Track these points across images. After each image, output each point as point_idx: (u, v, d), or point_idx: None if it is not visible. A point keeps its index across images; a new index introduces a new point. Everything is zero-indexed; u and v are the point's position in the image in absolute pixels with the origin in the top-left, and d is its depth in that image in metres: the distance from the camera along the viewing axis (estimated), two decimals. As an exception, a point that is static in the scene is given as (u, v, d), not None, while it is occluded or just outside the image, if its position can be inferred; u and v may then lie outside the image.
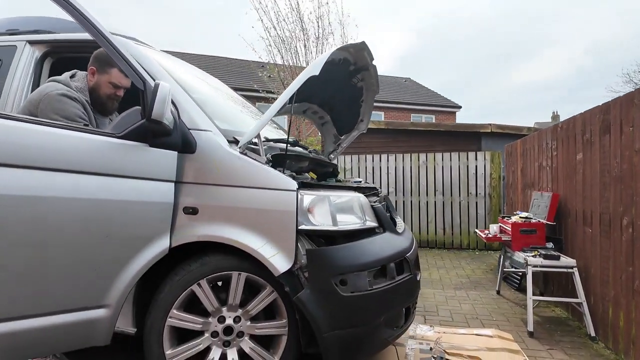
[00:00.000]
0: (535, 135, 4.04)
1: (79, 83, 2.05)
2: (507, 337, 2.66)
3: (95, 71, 2.06)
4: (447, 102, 19.66)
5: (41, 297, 1.57)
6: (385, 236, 2.03)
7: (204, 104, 2.06)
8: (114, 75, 2.06)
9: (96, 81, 2.06)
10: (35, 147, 1.54)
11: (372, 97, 2.98)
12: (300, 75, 1.85)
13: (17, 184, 1.48)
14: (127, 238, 1.72)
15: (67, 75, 2.07)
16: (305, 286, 1.73)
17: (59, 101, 1.86)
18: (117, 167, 1.70)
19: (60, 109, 1.84)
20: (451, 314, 3.25)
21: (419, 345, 2.50)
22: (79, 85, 2.03)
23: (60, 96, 1.88)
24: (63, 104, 1.86)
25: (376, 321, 1.81)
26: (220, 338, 1.82)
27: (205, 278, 1.79)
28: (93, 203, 1.63)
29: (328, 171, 2.87)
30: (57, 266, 1.58)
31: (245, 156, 1.84)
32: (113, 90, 2.09)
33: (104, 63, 2.05)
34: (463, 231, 6.41)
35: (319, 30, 9.89)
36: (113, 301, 1.71)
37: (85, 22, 1.65)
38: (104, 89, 2.07)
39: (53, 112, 1.82)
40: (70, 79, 2.04)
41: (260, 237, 1.76)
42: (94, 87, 2.07)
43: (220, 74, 17.02)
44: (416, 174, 6.63)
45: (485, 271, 4.82)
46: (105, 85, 2.07)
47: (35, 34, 2.36)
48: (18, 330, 1.53)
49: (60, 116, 1.81)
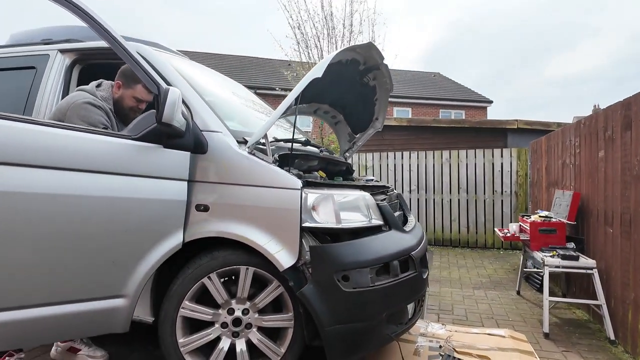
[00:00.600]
0: (559, 132, 3.92)
1: (104, 92, 2.20)
2: (520, 337, 2.63)
3: (121, 85, 2.22)
4: (478, 97, 19.13)
5: (67, 286, 1.72)
6: (391, 234, 2.06)
7: (217, 107, 2.16)
8: (138, 91, 2.22)
9: (121, 94, 2.22)
10: (60, 149, 1.68)
11: (386, 95, 2.99)
12: (304, 77, 1.90)
13: (44, 184, 1.62)
14: (144, 233, 1.84)
15: (94, 84, 2.23)
16: (309, 281, 1.79)
17: (84, 109, 2.01)
18: (134, 167, 1.82)
19: (84, 115, 1.99)
20: (466, 313, 3.23)
21: (428, 342, 2.51)
22: (104, 95, 2.18)
23: (86, 104, 2.03)
24: (88, 112, 2.01)
25: (378, 317, 1.85)
26: (229, 329, 1.92)
27: (215, 272, 1.89)
28: (113, 201, 1.76)
29: (341, 170, 2.91)
30: (81, 258, 1.72)
31: (252, 156, 1.92)
32: (136, 103, 2.25)
33: (129, 79, 2.21)
34: (488, 230, 6.27)
35: (344, 29, 9.89)
36: (131, 292, 1.84)
37: (101, 30, 1.78)
38: (127, 101, 2.23)
39: (78, 119, 1.97)
40: (96, 88, 2.20)
41: (266, 234, 1.84)
42: (118, 99, 2.23)
43: (246, 73, 17.34)
44: (439, 171, 6.55)
45: (507, 271, 4.72)
46: (129, 99, 2.23)
47: (65, 43, 2.54)
48: (47, 316, 1.68)
49: (85, 123, 1.96)
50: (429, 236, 6.51)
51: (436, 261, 5.32)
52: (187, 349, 1.90)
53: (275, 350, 1.92)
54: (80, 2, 1.76)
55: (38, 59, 2.49)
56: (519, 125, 6.77)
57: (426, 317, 3.12)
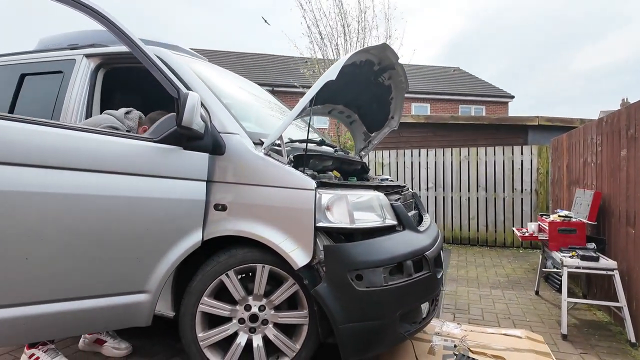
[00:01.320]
0: (581, 130, 3.82)
1: (132, 122, 2.27)
2: (537, 338, 2.60)
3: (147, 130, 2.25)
4: (499, 92, 18.72)
5: (95, 281, 1.81)
6: (404, 234, 2.08)
7: (234, 108, 2.22)
8: None
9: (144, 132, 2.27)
10: (88, 152, 1.76)
11: (402, 93, 3.00)
12: (318, 80, 1.94)
13: (73, 185, 1.71)
14: (165, 231, 1.92)
15: (123, 111, 2.30)
16: (323, 280, 1.83)
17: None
18: (156, 168, 1.90)
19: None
20: (482, 313, 3.21)
21: (443, 341, 2.52)
22: (131, 125, 2.26)
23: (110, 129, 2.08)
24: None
25: (391, 316, 1.88)
26: (246, 325, 1.98)
27: (233, 269, 1.96)
28: (136, 201, 1.84)
29: (356, 169, 2.94)
30: (107, 255, 1.81)
31: (268, 157, 1.97)
32: None
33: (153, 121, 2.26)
34: (507, 229, 6.17)
35: (359, 25, 9.86)
36: (153, 287, 1.93)
37: (121, 35, 1.86)
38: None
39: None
40: (124, 115, 2.27)
41: (281, 233, 1.89)
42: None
43: (264, 71, 17.48)
44: (457, 169, 6.47)
45: (526, 270, 4.65)
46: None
47: (90, 48, 2.64)
48: (77, 309, 1.78)
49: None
50: (446, 235, 6.46)
51: (453, 260, 5.28)
52: (206, 343, 1.98)
53: (291, 346, 1.97)
54: (100, 7, 1.84)
55: (65, 63, 2.59)
56: (540, 122, 6.63)
57: (441, 316, 3.12)
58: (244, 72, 14.13)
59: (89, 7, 1.82)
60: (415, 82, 17.58)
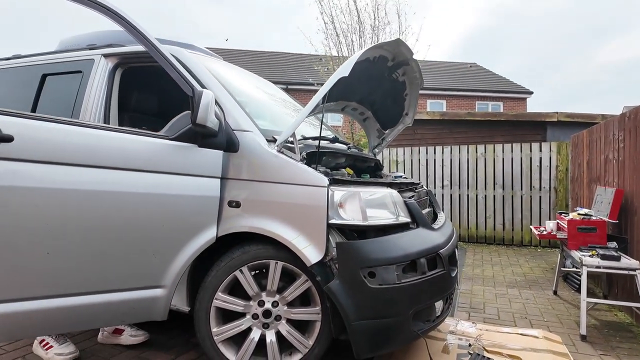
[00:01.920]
0: (602, 125, 3.71)
1: None
2: (555, 339, 2.55)
3: None
4: (517, 88, 18.33)
5: (113, 276, 1.86)
6: (418, 232, 2.07)
7: (247, 106, 2.24)
8: None
9: None
10: (106, 150, 1.81)
11: (417, 90, 2.97)
12: (331, 77, 1.93)
13: (92, 181, 1.76)
14: (180, 227, 1.95)
15: None
16: (336, 276, 1.83)
17: None
18: (171, 165, 1.93)
19: None
20: (498, 312, 3.17)
21: (458, 340, 2.49)
22: None
23: None
24: None
25: (405, 314, 1.87)
26: (260, 320, 2.00)
27: (246, 265, 1.98)
28: (152, 197, 1.88)
29: (369, 166, 2.93)
30: (125, 250, 1.85)
31: (281, 154, 1.98)
32: None
33: None
34: (525, 227, 6.06)
35: (374, 21, 9.79)
36: (168, 282, 1.96)
37: (137, 34, 1.89)
38: None
39: None
40: None
41: (294, 230, 1.90)
42: None
43: (278, 68, 17.54)
44: (474, 166, 6.37)
45: (544, 270, 4.56)
46: None
47: (108, 48, 2.69)
48: (96, 303, 1.83)
49: None
50: (462, 233, 6.37)
51: (469, 258, 5.21)
52: (220, 338, 2.01)
53: (304, 342, 1.98)
54: (117, 7, 1.88)
55: (84, 63, 2.65)
56: (560, 118, 6.46)
57: (456, 315, 3.09)
58: (258, 70, 14.19)
59: (106, 7, 1.86)
60: (430, 78, 17.36)
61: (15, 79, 2.92)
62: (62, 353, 2.20)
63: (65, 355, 2.20)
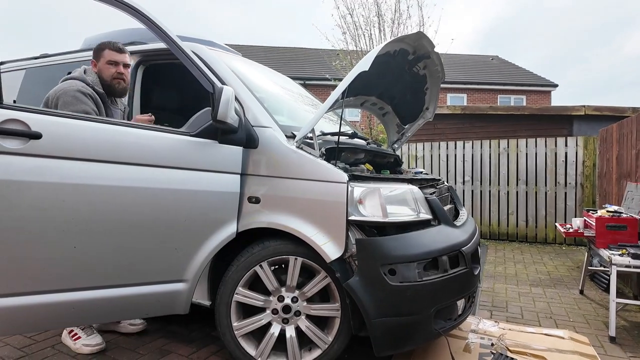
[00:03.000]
0: (634, 119, 3.56)
1: (92, 77, 2.28)
2: (582, 340, 2.47)
3: (95, 62, 2.30)
4: (541, 81, 17.79)
5: (137, 269, 1.89)
6: (440, 229, 2.03)
7: (267, 102, 2.24)
8: (106, 55, 2.28)
9: (99, 68, 2.30)
10: (130, 146, 1.84)
11: (438, 84, 2.91)
12: (350, 71, 1.91)
13: (114, 177, 1.79)
14: (202, 223, 1.97)
15: (81, 71, 2.30)
16: (355, 273, 1.82)
17: (72, 97, 2.10)
18: (193, 161, 1.95)
19: (71, 103, 2.08)
20: (522, 311, 3.09)
21: (480, 339, 2.45)
22: (93, 79, 2.27)
23: (75, 92, 2.12)
24: (74, 101, 2.10)
25: (426, 312, 1.84)
26: (279, 315, 2.01)
27: (266, 260, 1.98)
28: (173, 193, 1.90)
29: (389, 162, 2.89)
30: (148, 245, 1.89)
31: (300, 150, 1.98)
32: (113, 69, 2.29)
33: (97, 50, 2.30)
34: (549, 224, 5.89)
35: (395, 14, 9.65)
36: (190, 276, 1.99)
37: (159, 32, 1.91)
38: (105, 72, 2.28)
39: (66, 109, 2.05)
40: (84, 74, 2.28)
41: (313, 226, 1.89)
42: (100, 75, 2.29)
43: (296, 64, 17.53)
44: (496, 162, 6.23)
45: (570, 268, 4.42)
46: (105, 68, 2.28)
47: (130, 45, 2.74)
48: (119, 296, 1.88)
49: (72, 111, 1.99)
50: (483, 230, 6.25)
51: (491, 256, 5.11)
52: (240, 332, 2.03)
53: (323, 338, 1.98)
54: (140, 5, 1.90)
55: (108, 61, 2.71)
56: (587, 112, 6.24)
57: (478, 313, 3.03)
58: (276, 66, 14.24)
59: (130, 5, 1.88)
60: (451, 72, 17.01)
61: (43, 77, 3.01)
62: (89, 344, 2.27)
63: (93, 347, 2.26)
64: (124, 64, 2.34)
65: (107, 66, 2.30)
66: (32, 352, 2.28)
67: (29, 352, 2.28)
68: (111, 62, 2.30)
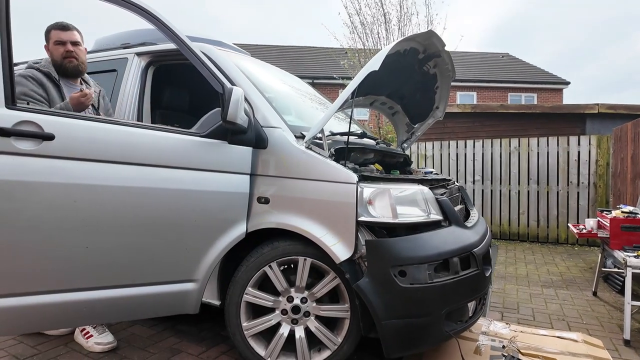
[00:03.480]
0: (650, 118, 3.48)
1: (44, 61, 2.26)
2: (595, 343, 2.43)
3: (46, 45, 2.27)
4: (552, 79, 17.55)
5: (146, 269, 1.91)
6: (451, 230, 2.01)
7: (276, 103, 2.24)
8: (53, 36, 2.24)
9: (49, 51, 2.27)
10: (139, 147, 1.84)
11: (448, 82, 2.88)
12: (360, 71, 1.90)
13: (125, 177, 1.80)
14: (211, 223, 1.97)
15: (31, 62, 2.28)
16: (365, 274, 1.81)
17: (18, 83, 2.06)
18: (202, 162, 1.96)
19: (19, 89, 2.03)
20: (533, 313, 3.05)
21: (490, 341, 2.42)
22: (45, 63, 2.24)
23: (20, 78, 2.10)
24: (21, 86, 2.07)
25: (436, 314, 1.82)
26: (289, 316, 2.01)
27: (275, 261, 1.98)
28: (184, 193, 1.91)
29: (398, 161, 2.87)
30: (159, 245, 1.90)
31: (309, 151, 1.97)
32: (62, 48, 2.24)
33: (45, 33, 2.26)
34: (561, 224, 5.80)
35: (400, 12, 9.59)
36: (200, 276, 2.00)
37: (169, 32, 1.91)
38: (55, 53, 2.25)
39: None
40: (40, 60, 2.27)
41: (322, 227, 1.88)
42: (51, 57, 2.26)
43: (305, 63, 17.52)
44: (506, 161, 6.15)
45: (582, 269, 4.35)
46: (54, 49, 2.25)
47: (141, 46, 2.76)
48: (130, 295, 1.89)
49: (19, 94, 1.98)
50: (494, 230, 6.18)
51: (501, 256, 5.05)
52: (250, 333, 2.03)
53: (332, 339, 1.98)
54: (148, 6, 1.91)
55: (118, 62, 2.73)
56: (600, 110, 6.13)
57: (488, 314, 3.00)
58: (285, 65, 14.25)
59: (138, 6, 1.89)
60: (460, 70, 16.84)
61: (55, 78, 3.04)
62: (101, 342, 2.29)
63: (104, 345, 2.29)
64: (72, 42, 2.27)
65: (55, 47, 2.24)
66: (45, 350, 2.32)
67: (42, 350, 2.31)
68: (58, 41, 2.25)
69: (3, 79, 1.63)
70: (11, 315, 1.69)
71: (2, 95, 1.63)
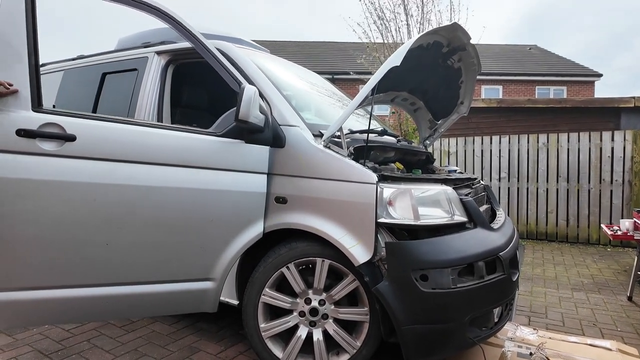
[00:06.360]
0: (694, 112, 3.25)
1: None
2: (631, 352, 2.29)
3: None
4: (583, 71, 16.80)
5: (165, 267, 1.91)
6: (476, 232, 1.92)
7: (294, 100, 2.20)
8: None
9: None
10: (158, 147, 1.85)
11: (474, 77, 2.76)
12: (381, 67, 1.83)
13: (145, 177, 1.81)
14: (228, 222, 1.96)
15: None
16: (385, 278, 1.75)
17: None
18: (220, 161, 1.94)
19: None
20: (563, 318, 2.91)
21: (517, 348, 2.32)
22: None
23: None
24: None
25: (460, 320, 1.75)
26: (307, 318, 1.98)
27: (293, 262, 1.95)
28: (201, 192, 1.90)
29: (420, 159, 2.78)
30: (174, 243, 1.90)
31: (328, 149, 1.92)
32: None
33: None
34: (592, 224, 5.54)
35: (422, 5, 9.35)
36: (218, 275, 1.99)
37: (183, 30, 1.90)
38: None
39: None
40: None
41: (341, 228, 1.83)
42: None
43: (324, 59, 17.42)
44: (534, 157, 5.91)
45: (616, 272, 4.14)
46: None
47: (161, 45, 2.76)
48: (149, 292, 1.91)
49: None
50: (520, 229, 5.97)
51: (528, 257, 4.87)
52: (267, 334, 2.01)
53: (351, 343, 1.93)
54: (161, 5, 1.90)
55: (139, 61, 2.75)
56: (637, 103, 5.80)
57: (515, 319, 2.88)
58: (304, 61, 14.19)
59: (152, 6, 1.88)
60: (485, 63, 16.28)
61: (80, 78, 3.10)
62: None
63: None
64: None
65: None
66: (69, 345, 2.37)
67: (67, 345, 2.36)
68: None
69: (30, 82, 1.68)
70: (38, 307, 1.75)
71: (29, 98, 1.67)
